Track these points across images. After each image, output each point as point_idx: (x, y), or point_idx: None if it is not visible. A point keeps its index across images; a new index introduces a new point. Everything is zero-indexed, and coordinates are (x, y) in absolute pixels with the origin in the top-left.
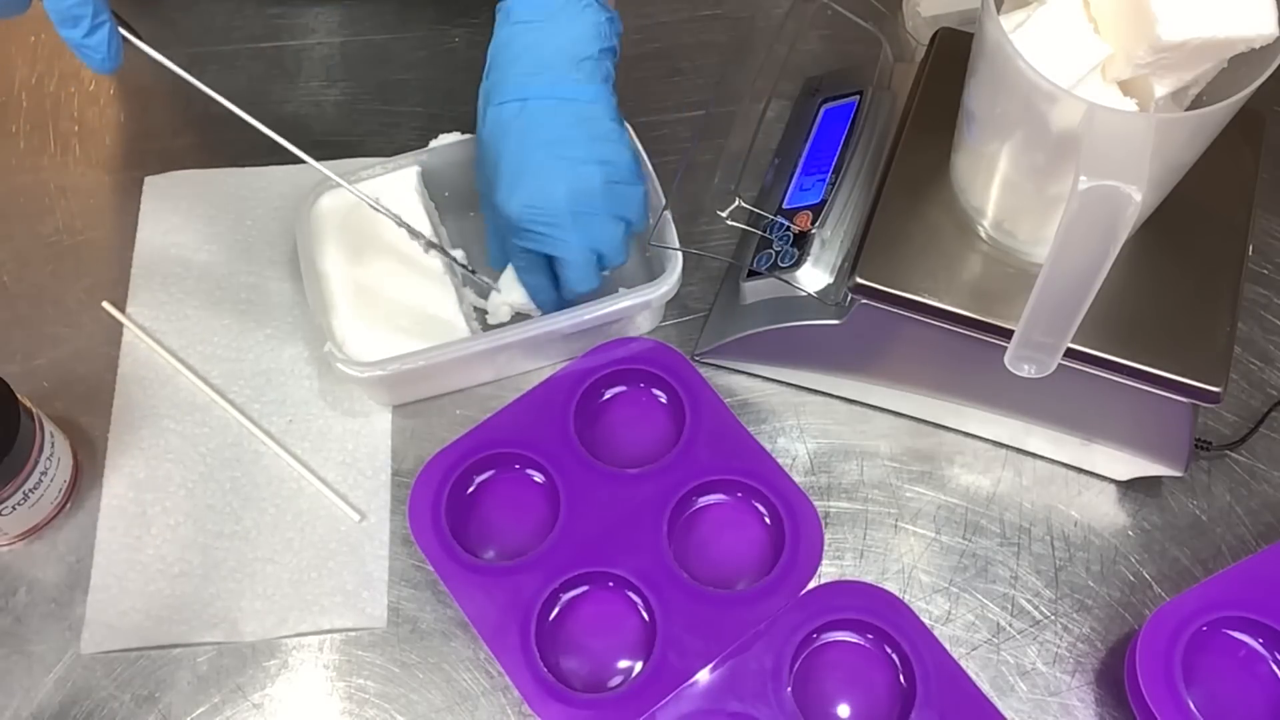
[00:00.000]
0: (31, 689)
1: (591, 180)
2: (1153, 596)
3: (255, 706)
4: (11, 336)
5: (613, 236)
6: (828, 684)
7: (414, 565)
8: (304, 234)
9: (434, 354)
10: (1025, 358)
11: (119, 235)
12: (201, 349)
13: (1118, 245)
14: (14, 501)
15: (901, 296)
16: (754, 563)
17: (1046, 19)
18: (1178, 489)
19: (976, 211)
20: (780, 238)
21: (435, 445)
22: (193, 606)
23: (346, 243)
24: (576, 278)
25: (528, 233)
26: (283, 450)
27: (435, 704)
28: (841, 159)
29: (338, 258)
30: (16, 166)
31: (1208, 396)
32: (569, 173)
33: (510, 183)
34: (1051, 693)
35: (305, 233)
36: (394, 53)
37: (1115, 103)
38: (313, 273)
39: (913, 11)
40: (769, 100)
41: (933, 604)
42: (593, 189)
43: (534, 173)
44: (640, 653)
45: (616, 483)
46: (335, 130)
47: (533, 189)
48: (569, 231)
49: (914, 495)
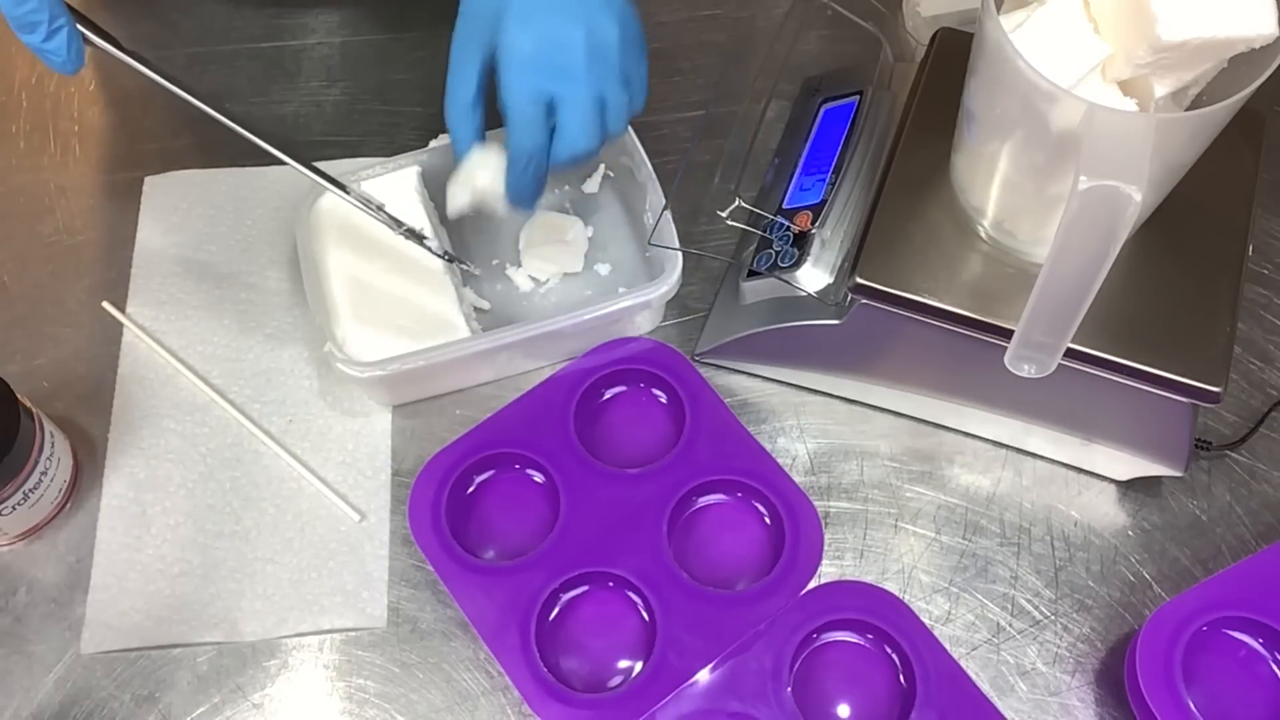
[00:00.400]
0: (31, 689)
1: (609, 34)
2: (1153, 596)
3: (255, 706)
4: (11, 336)
5: (619, 98)
6: (828, 684)
7: (414, 565)
8: (304, 234)
9: (434, 354)
10: (1025, 358)
11: (119, 235)
12: (201, 349)
13: (1118, 245)
14: (14, 501)
15: (901, 296)
16: (754, 563)
17: (1046, 19)
18: (1178, 489)
19: (976, 211)
20: (780, 238)
21: (435, 445)
22: (193, 606)
23: (346, 243)
24: (579, 130)
25: (535, 71)
26: (283, 450)
27: (435, 704)
28: (841, 159)
29: (338, 258)
30: (16, 166)
31: (1208, 396)
32: (588, 19)
33: (524, 15)
34: (1051, 693)
35: (305, 233)
36: (394, 53)
37: (1115, 103)
38: (313, 273)
39: (913, 11)
40: (769, 100)
41: (933, 604)
42: (609, 43)
43: (553, 9)
44: (640, 653)
45: (616, 483)
46: (335, 130)
47: (551, 24)
48: (581, 75)
49: (914, 495)
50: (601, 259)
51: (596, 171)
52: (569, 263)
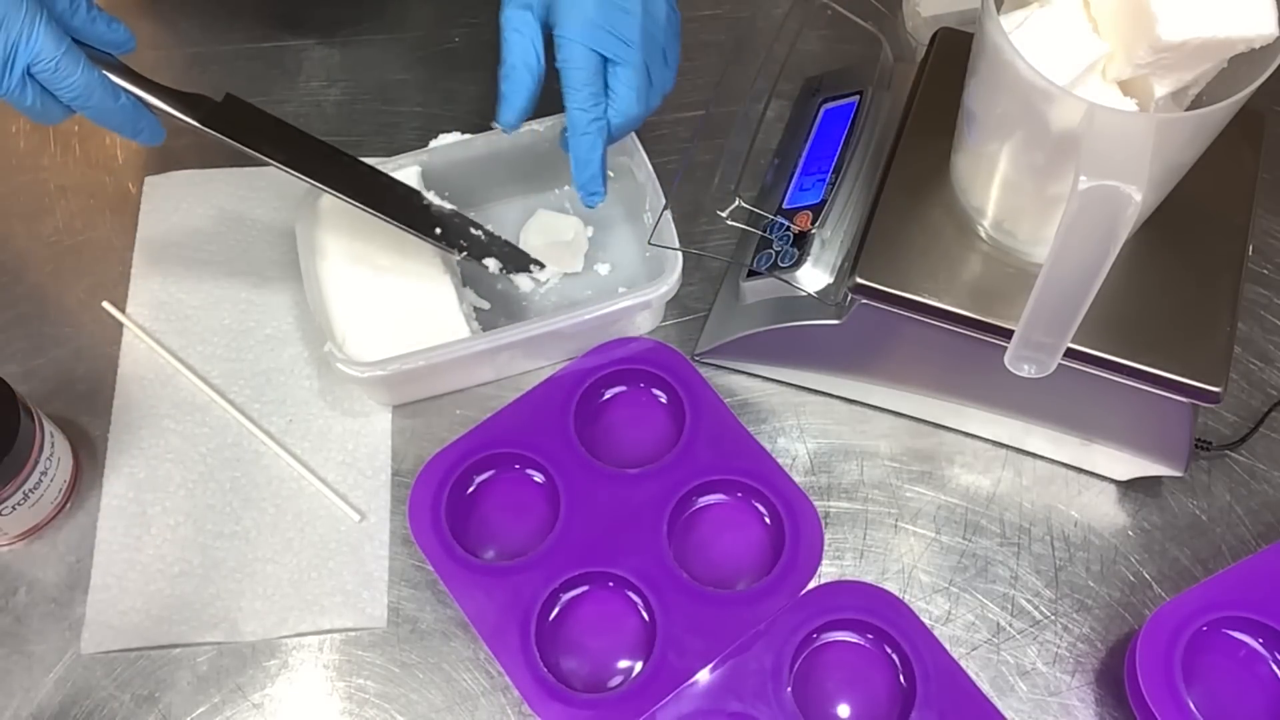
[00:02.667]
0: (31, 689)
1: (661, 8)
2: (1153, 596)
3: (255, 706)
4: (11, 336)
5: (662, 73)
6: (828, 684)
7: (414, 565)
8: (304, 234)
9: (434, 354)
10: (1025, 358)
11: (119, 235)
12: (201, 349)
13: (1118, 245)
14: (14, 501)
15: (901, 296)
16: (754, 563)
17: (1046, 19)
18: (1178, 489)
19: (976, 211)
20: (780, 238)
21: (435, 445)
22: (193, 606)
23: (346, 242)
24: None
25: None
26: (283, 450)
27: (435, 704)
28: (841, 159)
29: (338, 257)
30: (16, 166)
31: (1208, 396)
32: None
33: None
34: (1051, 693)
35: (305, 232)
36: (394, 53)
37: (1115, 103)
38: (313, 273)
39: (913, 11)
40: (769, 100)
41: (933, 604)
42: (660, 17)
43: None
44: (640, 653)
45: (616, 483)
46: (335, 130)
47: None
48: (637, 41)
49: (914, 495)
50: (601, 259)
51: None
52: (569, 263)
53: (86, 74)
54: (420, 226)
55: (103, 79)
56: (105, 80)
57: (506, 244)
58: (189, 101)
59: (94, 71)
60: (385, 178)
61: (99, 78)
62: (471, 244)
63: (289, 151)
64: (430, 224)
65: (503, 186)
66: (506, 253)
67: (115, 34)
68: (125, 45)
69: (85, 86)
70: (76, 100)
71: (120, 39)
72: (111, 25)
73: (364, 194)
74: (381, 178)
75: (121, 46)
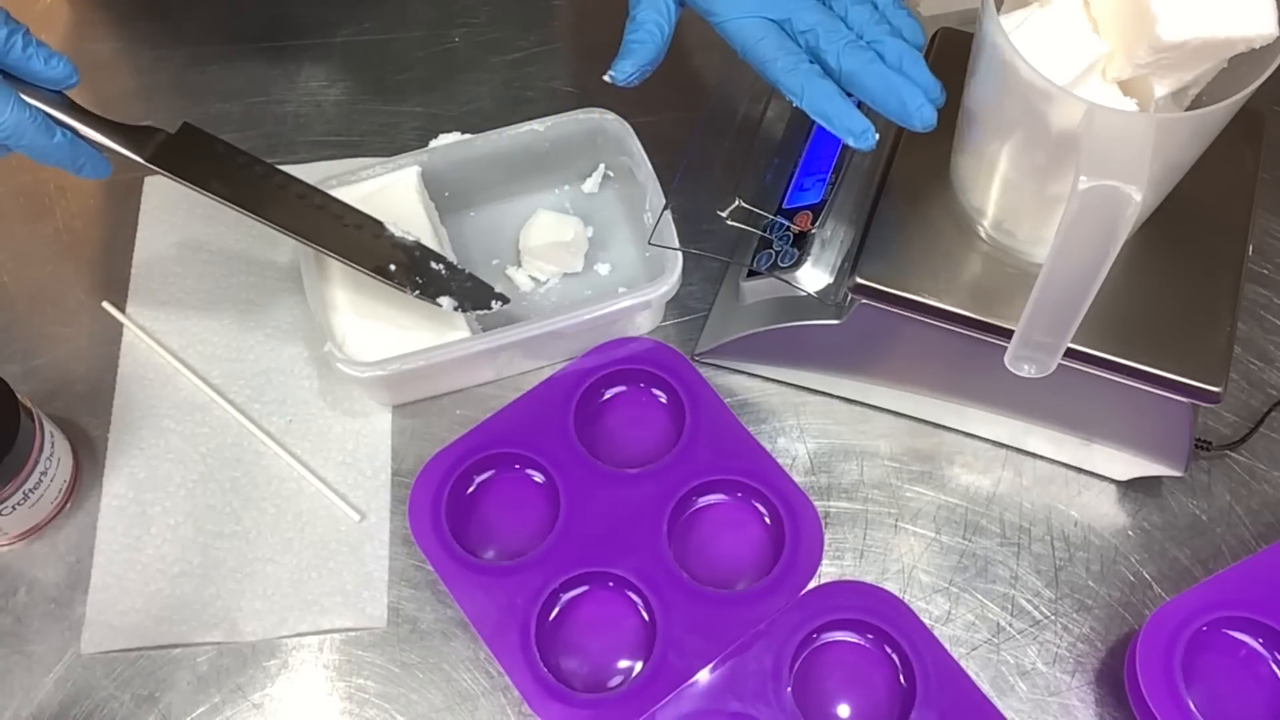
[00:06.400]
0: (31, 689)
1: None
2: (1153, 596)
3: (255, 706)
4: (11, 336)
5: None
6: (828, 684)
7: (414, 565)
8: None
9: (434, 354)
10: (1025, 358)
11: (119, 235)
12: (201, 349)
13: (1118, 245)
14: (14, 501)
15: (901, 296)
16: (754, 563)
17: (1046, 19)
18: (1178, 489)
19: (976, 211)
20: (780, 238)
21: (435, 445)
22: (193, 606)
23: None
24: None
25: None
26: (283, 450)
27: (435, 704)
28: (841, 159)
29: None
30: (16, 166)
31: (1208, 396)
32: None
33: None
34: (1051, 693)
35: None
36: (394, 53)
37: (1115, 103)
38: (313, 273)
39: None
40: (769, 100)
41: (933, 604)
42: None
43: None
44: (640, 653)
45: (616, 483)
46: (335, 130)
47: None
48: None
49: (914, 495)
50: (601, 259)
51: (596, 171)
52: (569, 263)
53: (17, 112)
54: (372, 261)
55: (34, 116)
56: (39, 117)
57: (470, 278)
58: (136, 136)
59: (25, 110)
60: (340, 207)
61: (30, 115)
62: (429, 280)
63: (239, 187)
64: (386, 257)
65: (503, 186)
66: (468, 288)
67: (54, 70)
68: (66, 81)
69: (15, 126)
70: (8, 139)
71: (59, 75)
72: (50, 62)
73: (314, 230)
74: (335, 207)
75: (62, 83)
